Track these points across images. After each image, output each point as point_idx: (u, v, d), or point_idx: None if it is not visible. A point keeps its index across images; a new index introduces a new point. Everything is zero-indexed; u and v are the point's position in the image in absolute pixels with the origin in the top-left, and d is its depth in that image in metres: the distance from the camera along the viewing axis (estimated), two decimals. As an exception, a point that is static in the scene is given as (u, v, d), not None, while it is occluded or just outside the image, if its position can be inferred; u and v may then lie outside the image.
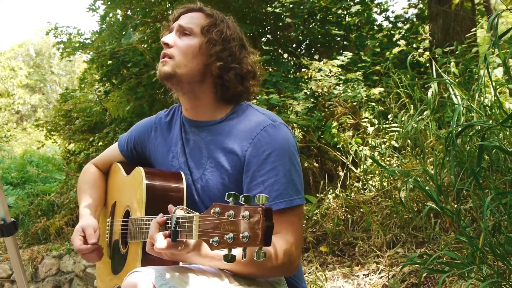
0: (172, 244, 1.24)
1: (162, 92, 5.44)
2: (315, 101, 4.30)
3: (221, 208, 1.07)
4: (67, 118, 7.61)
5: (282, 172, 1.44)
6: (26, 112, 25.60)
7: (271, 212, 1.00)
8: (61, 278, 5.08)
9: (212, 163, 1.56)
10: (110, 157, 1.92)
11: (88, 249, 1.62)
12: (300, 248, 1.47)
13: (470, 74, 3.28)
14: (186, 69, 1.54)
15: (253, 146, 1.48)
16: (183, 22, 1.58)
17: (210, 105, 1.61)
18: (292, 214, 1.44)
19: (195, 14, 1.61)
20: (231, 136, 1.55)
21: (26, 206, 6.99)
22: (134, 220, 1.58)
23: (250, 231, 0.99)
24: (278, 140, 1.48)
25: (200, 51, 1.55)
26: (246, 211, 1.01)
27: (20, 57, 29.80)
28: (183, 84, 1.56)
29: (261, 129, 1.50)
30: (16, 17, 61.99)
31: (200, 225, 1.14)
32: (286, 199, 1.43)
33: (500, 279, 1.78)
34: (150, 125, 1.80)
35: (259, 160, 1.46)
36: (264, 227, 0.98)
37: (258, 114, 1.57)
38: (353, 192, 3.68)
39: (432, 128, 3.10)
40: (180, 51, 1.55)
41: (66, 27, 7.03)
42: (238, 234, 1.01)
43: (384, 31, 6.01)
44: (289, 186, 1.44)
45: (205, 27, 1.56)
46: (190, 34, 1.56)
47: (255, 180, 1.46)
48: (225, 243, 1.03)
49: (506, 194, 1.84)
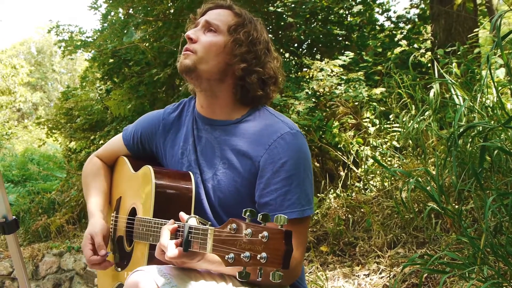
0: (184, 254, 1.23)
1: (163, 91, 5.45)
2: (317, 101, 4.30)
3: (238, 225, 1.06)
4: (68, 116, 7.62)
5: (296, 182, 1.43)
6: (27, 110, 25.63)
7: (291, 235, 0.99)
8: (61, 276, 5.09)
9: (226, 164, 1.53)
10: (114, 149, 1.87)
11: (99, 260, 1.60)
12: (302, 258, 1.46)
13: (472, 75, 3.28)
14: (207, 66, 1.51)
15: (269, 152, 1.45)
16: (210, 18, 1.55)
17: (227, 105, 1.58)
18: (301, 225, 1.43)
19: (224, 11, 1.58)
20: (245, 139, 1.52)
21: (27, 204, 7.01)
22: (141, 220, 1.56)
23: (269, 252, 0.98)
24: (294, 149, 1.46)
25: (224, 50, 1.52)
26: (265, 232, 0.99)
27: (22, 55, 29.85)
28: (202, 80, 1.53)
29: (279, 136, 1.47)
30: (17, 15, 62.05)
31: (215, 239, 1.12)
32: (298, 209, 1.41)
33: (501, 280, 1.78)
34: (158, 120, 1.74)
35: (274, 168, 1.44)
36: (284, 250, 0.97)
37: (276, 120, 1.54)
38: (354, 192, 3.67)
39: (433, 128, 3.09)
40: (203, 47, 1.51)
41: (67, 25, 7.05)
42: (256, 254, 0.99)
43: (386, 31, 6.00)
44: (302, 196, 1.43)
45: (232, 26, 1.53)
46: (216, 31, 1.53)
47: (268, 187, 1.44)
48: (242, 261, 1.02)
49: (508, 195, 1.84)
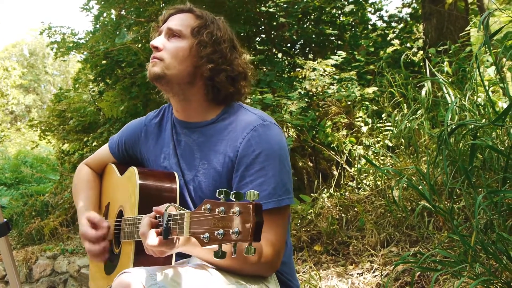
0: (164, 242, 1.24)
1: (156, 92, 5.42)
2: (309, 101, 4.31)
3: (212, 205, 1.07)
4: (61, 118, 7.57)
5: (271, 172, 1.44)
6: (20, 112, 25.47)
7: (261, 208, 1.00)
8: (55, 279, 5.06)
9: (205, 165, 1.56)
10: (102, 158, 1.92)
11: (104, 234, 1.61)
12: (282, 249, 1.46)
13: (463, 73, 3.29)
14: (175, 71, 1.53)
15: (243, 145, 1.47)
16: (172, 25, 1.57)
17: (200, 106, 1.60)
18: (278, 215, 1.44)
19: (185, 16, 1.60)
20: (223, 138, 1.54)
21: (20, 207, 6.95)
22: (127, 220, 1.58)
23: (240, 226, 0.99)
24: (268, 140, 1.47)
25: (190, 53, 1.54)
26: (236, 207, 1.01)
27: (14, 57, 29.66)
28: (173, 85, 1.55)
29: (252, 129, 1.49)
30: (9, 17, 61.70)
31: (191, 221, 1.14)
32: (274, 199, 1.42)
33: (492, 277, 1.79)
34: (140, 127, 1.78)
35: (248, 160, 1.46)
36: (254, 223, 0.98)
37: (249, 114, 1.57)
38: (347, 191, 3.68)
39: (425, 127, 3.10)
40: (169, 54, 1.53)
41: (60, 27, 6.99)
42: (228, 230, 1.01)
43: (378, 31, 6.02)
44: (278, 186, 1.44)
45: (195, 28, 1.55)
46: (180, 36, 1.55)
47: (243, 180, 1.46)
48: (216, 239, 1.03)
49: (498, 192, 1.85)
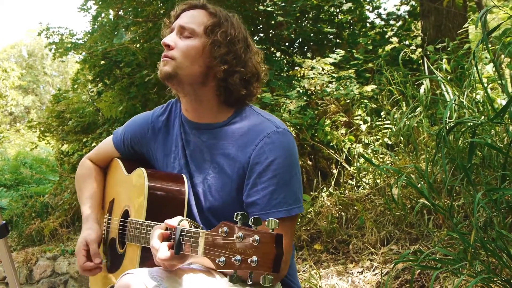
0: (175, 257, 1.22)
1: (155, 92, 5.42)
2: (308, 99, 4.30)
3: (229, 228, 1.06)
4: (60, 119, 7.55)
5: (283, 181, 1.41)
6: (19, 113, 25.44)
7: (281, 239, 0.99)
8: (56, 280, 5.06)
9: (216, 168, 1.52)
10: (106, 153, 1.87)
11: (92, 266, 1.63)
12: (289, 258, 1.45)
13: (462, 71, 3.29)
14: (188, 71, 1.48)
15: (256, 152, 1.44)
16: (185, 22, 1.51)
17: (212, 108, 1.55)
18: (288, 224, 1.42)
19: (198, 12, 1.54)
20: (234, 141, 1.50)
21: (20, 208, 6.96)
22: (133, 222, 1.56)
23: (259, 256, 0.98)
24: (281, 147, 1.44)
25: (203, 53, 1.48)
26: (256, 236, 0.99)
27: (13, 58, 29.63)
28: (184, 85, 1.51)
29: (265, 136, 1.45)
30: (8, 18, 61.63)
31: (206, 242, 1.12)
32: (284, 209, 1.40)
33: (491, 275, 1.79)
34: (147, 124, 1.72)
35: (261, 167, 1.42)
36: (274, 255, 0.97)
37: (262, 119, 1.53)
38: (347, 190, 3.68)
39: (424, 125, 3.10)
40: (181, 53, 1.48)
41: (58, 27, 7.01)
42: (247, 258, 0.99)
43: (376, 29, 6.01)
44: (289, 195, 1.42)
45: (208, 27, 1.50)
46: (192, 34, 1.50)
47: (255, 187, 1.43)
48: (233, 265, 1.02)
49: (497, 190, 1.84)
